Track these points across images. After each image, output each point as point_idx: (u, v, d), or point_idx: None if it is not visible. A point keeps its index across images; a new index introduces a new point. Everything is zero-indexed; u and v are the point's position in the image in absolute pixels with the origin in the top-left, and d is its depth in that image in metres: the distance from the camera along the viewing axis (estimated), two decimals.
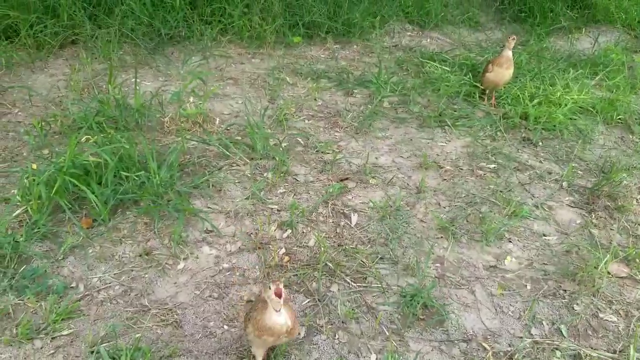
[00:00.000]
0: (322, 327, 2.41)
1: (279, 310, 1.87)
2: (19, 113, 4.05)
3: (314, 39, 5.76)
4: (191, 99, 4.03)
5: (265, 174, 3.47)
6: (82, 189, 2.89)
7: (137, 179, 3.06)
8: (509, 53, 4.13)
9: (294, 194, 3.31)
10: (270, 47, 5.48)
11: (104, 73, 4.49)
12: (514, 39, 4.11)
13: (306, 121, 4.22)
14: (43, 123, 3.69)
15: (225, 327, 2.39)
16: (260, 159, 3.63)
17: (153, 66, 4.87)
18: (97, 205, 2.88)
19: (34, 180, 2.92)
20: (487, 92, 4.46)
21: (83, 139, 3.33)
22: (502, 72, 4.15)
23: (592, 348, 2.33)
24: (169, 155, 3.24)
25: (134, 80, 4.05)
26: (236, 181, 3.39)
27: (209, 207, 3.15)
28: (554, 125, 4.07)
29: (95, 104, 3.79)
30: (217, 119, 4.05)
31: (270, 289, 1.83)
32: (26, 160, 3.37)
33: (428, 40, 6.14)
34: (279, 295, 1.82)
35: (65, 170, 2.91)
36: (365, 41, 5.89)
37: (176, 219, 2.93)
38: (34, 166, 3.10)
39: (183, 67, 4.73)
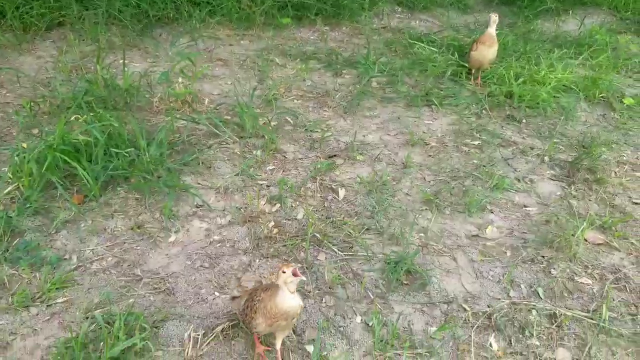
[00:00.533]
0: (309, 292, 2.49)
1: (294, 292, 1.90)
2: (7, 94, 4.08)
3: (303, 20, 5.80)
4: (180, 79, 4.08)
5: (254, 152, 3.54)
6: (73, 165, 2.94)
7: (127, 155, 3.12)
8: (491, 31, 4.21)
9: (283, 171, 3.38)
10: (259, 29, 5.53)
11: (92, 55, 4.51)
12: (496, 16, 4.18)
13: (295, 101, 4.28)
14: (32, 103, 3.73)
15: (217, 293, 2.47)
16: (250, 137, 3.69)
17: (141, 48, 4.90)
18: (87, 181, 2.94)
19: (24, 157, 2.97)
20: (473, 71, 4.53)
21: (72, 118, 3.37)
22: (486, 50, 4.23)
23: (567, 308, 2.43)
24: (158, 133, 3.30)
25: (122, 61, 4.08)
26: (226, 159, 3.46)
27: (199, 184, 3.21)
28: (538, 103, 4.16)
29: (83, 84, 3.83)
30: (206, 99, 4.10)
31: (285, 272, 1.87)
32: (16, 139, 3.42)
33: (417, 22, 6.21)
34: (297, 275, 1.86)
35: (56, 147, 2.96)
36: (355, 23, 5.95)
37: (167, 194, 2.99)
38: (24, 145, 3.14)
39: (171, 48, 4.77)
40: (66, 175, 3.09)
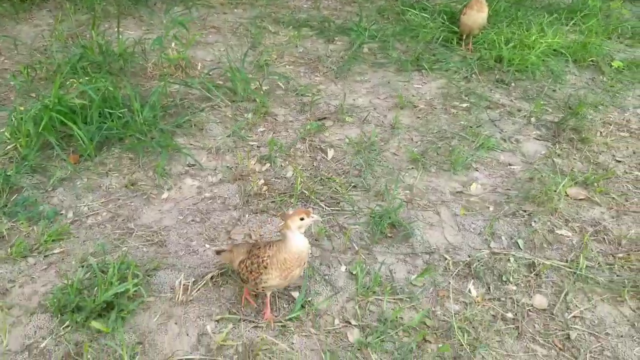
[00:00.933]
0: None
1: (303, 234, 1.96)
2: (5, 61, 4.14)
3: None
4: (173, 45, 4.12)
5: (246, 115, 3.60)
6: (69, 125, 3.02)
7: (121, 117, 3.19)
8: None
9: (274, 132, 3.45)
10: None
11: (88, 23, 4.55)
12: None
13: (287, 67, 4.33)
14: (29, 69, 3.78)
15: (207, 245, 2.57)
16: (242, 101, 3.75)
17: (136, 16, 4.93)
18: (83, 141, 3.01)
19: (21, 118, 3.04)
20: (464, 37, 4.56)
21: (68, 83, 3.43)
22: (475, 15, 4.26)
23: (546, 258, 2.52)
24: (152, 96, 3.36)
25: (117, 29, 4.12)
26: (218, 121, 3.52)
27: (191, 144, 3.29)
28: (527, 67, 4.19)
29: (78, 50, 3.88)
30: (199, 65, 4.15)
31: (297, 215, 1.92)
32: (14, 103, 3.48)
33: None
34: (309, 214, 1.92)
35: (52, 107, 3.03)
36: None
37: (160, 153, 3.07)
38: (22, 108, 3.21)
39: (165, 16, 4.79)
40: (63, 136, 3.17)
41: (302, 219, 1.93)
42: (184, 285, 2.31)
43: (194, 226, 2.69)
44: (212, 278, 2.36)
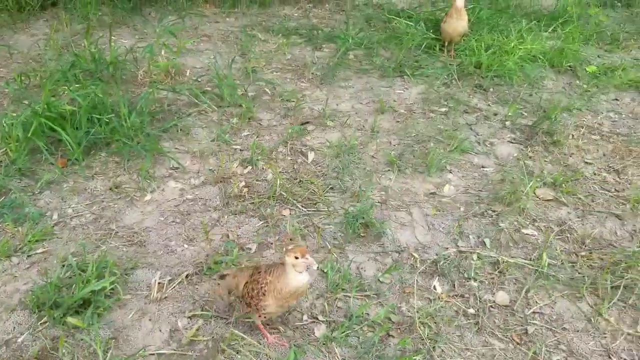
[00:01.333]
0: (271, 243, 2.69)
1: (302, 272, 1.94)
2: (1, 69, 4.27)
3: None
4: (162, 52, 4.25)
5: (231, 120, 3.72)
6: (57, 130, 3.14)
7: (108, 122, 3.31)
8: (459, 4, 4.35)
9: (257, 136, 3.56)
10: (245, 6, 5.67)
11: (83, 33, 4.68)
12: None
13: (274, 73, 4.45)
14: (22, 77, 3.92)
15: (185, 245, 2.67)
16: (228, 106, 3.87)
17: (130, 25, 5.07)
18: (70, 145, 3.13)
19: (12, 124, 3.17)
20: (446, 44, 4.67)
21: (60, 90, 3.56)
22: (455, 23, 4.39)
23: (510, 256, 2.62)
24: (139, 102, 3.48)
25: (109, 37, 4.25)
26: (203, 126, 3.64)
27: (176, 148, 3.41)
28: (505, 72, 4.30)
29: (71, 58, 4.01)
30: (188, 72, 4.27)
31: (293, 253, 1.88)
32: (7, 109, 3.61)
33: None
34: (305, 254, 1.87)
35: (41, 113, 3.16)
36: (338, 0, 6.07)
37: (145, 157, 3.19)
38: (14, 114, 3.34)
39: (159, 25, 4.92)
40: (52, 141, 3.29)
41: (296, 258, 1.90)
42: (159, 283, 2.41)
43: (174, 227, 2.80)
44: (187, 276, 2.47)
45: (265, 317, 2.08)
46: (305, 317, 2.30)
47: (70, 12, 5.16)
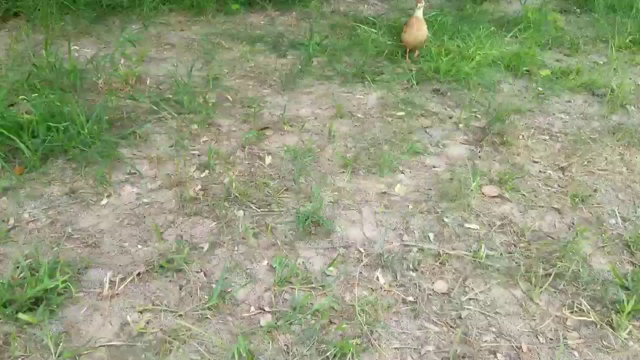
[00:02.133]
0: (224, 243, 2.77)
1: None
2: None
3: (254, 6, 6.07)
4: (122, 61, 4.32)
5: (191, 126, 3.80)
6: (12, 138, 3.19)
7: (65, 130, 3.36)
8: (418, 14, 4.51)
9: (216, 142, 3.65)
10: (211, 15, 5.77)
11: (44, 42, 4.73)
12: (421, 3, 4.49)
13: (236, 80, 4.54)
14: None
15: (139, 246, 2.74)
16: (189, 113, 3.95)
17: (93, 35, 5.14)
18: (27, 152, 3.19)
19: None
20: (408, 50, 4.83)
21: (18, 98, 3.62)
22: (414, 33, 4.55)
23: (452, 248, 2.73)
24: (97, 110, 3.55)
25: (72, 47, 4.32)
26: (162, 132, 3.72)
27: (134, 154, 3.47)
28: (462, 77, 4.45)
29: (29, 67, 4.06)
30: (149, 79, 4.35)
31: None
32: None
33: (365, 6, 6.47)
34: None
35: None
36: (305, 8, 6.21)
37: (100, 163, 3.25)
38: None
39: (121, 34, 5.00)
40: (9, 149, 3.34)
41: None
42: (111, 281, 2.48)
43: (129, 229, 2.86)
44: (139, 274, 2.53)
45: None
46: (252, 309, 2.38)
47: (33, 22, 5.21)
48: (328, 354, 2.17)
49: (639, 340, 2.25)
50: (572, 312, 2.38)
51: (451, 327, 2.30)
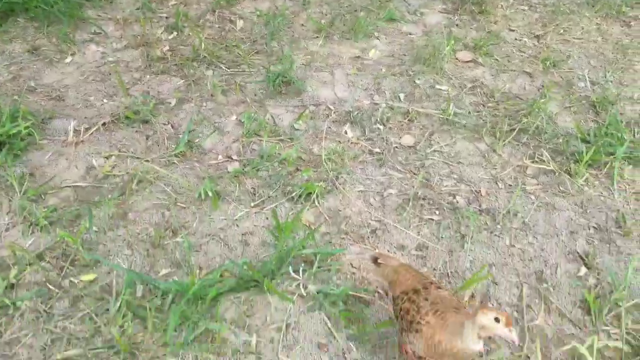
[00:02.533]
0: (192, 99, 2.73)
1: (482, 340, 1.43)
2: None
3: None
4: None
5: None
6: None
7: None
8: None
9: (185, 5, 3.49)
10: None
11: None
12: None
13: None
14: None
15: (105, 100, 2.69)
16: None
17: None
18: None
19: None
20: None
21: None
22: None
23: (422, 107, 2.74)
24: None
25: None
26: None
27: (99, 15, 3.32)
28: None
29: None
30: None
31: (493, 314, 1.38)
32: None
33: None
34: (510, 324, 1.38)
35: None
36: None
37: (64, 22, 3.10)
38: None
39: None
40: None
41: (497, 321, 1.38)
42: (76, 130, 2.45)
43: (94, 84, 2.80)
44: (104, 124, 2.51)
45: (409, 352, 1.58)
46: (220, 157, 2.39)
47: None
48: (293, 194, 2.22)
49: (594, 186, 2.34)
50: (532, 162, 2.44)
51: (414, 174, 2.35)
